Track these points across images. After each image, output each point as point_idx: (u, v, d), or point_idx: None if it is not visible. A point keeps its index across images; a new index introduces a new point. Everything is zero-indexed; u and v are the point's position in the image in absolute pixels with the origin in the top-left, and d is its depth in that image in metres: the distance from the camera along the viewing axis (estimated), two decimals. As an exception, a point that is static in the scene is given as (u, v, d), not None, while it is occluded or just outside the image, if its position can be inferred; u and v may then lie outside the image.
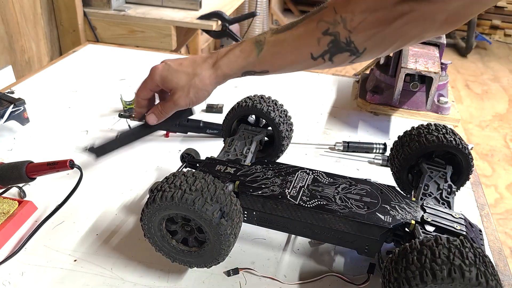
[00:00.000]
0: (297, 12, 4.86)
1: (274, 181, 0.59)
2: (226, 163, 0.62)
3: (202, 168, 0.61)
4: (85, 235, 0.64)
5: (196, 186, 0.50)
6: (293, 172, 0.61)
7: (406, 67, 0.92)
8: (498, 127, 2.85)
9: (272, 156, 0.73)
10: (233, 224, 0.52)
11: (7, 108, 0.86)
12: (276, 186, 0.58)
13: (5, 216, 0.64)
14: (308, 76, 1.21)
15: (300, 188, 0.58)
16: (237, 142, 0.69)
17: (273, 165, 0.62)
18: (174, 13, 1.75)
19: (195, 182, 0.51)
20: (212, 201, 0.50)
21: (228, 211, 0.51)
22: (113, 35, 1.76)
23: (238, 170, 0.61)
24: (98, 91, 1.07)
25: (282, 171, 0.61)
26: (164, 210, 0.51)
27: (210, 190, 0.51)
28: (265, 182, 0.58)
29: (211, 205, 0.49)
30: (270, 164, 0.62)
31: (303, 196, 0.57)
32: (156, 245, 0.56)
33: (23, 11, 1.55)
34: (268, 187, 0.58)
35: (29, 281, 0.57)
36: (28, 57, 1.61)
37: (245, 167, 0.61)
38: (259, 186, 0.58)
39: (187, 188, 0.50)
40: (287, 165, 0.63)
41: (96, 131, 0.91)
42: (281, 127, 0.70)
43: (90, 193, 0.73)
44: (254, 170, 0.61)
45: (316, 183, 0.59)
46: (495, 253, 0.65)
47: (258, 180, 0.59)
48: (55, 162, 0.59)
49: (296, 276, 0.59)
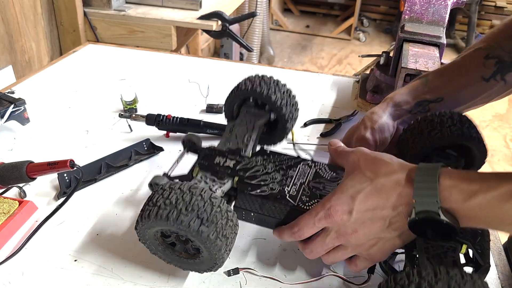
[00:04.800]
0: (297, 12, 4.86)
1: (274, 177, 0.57)
2: (226, 154, 0.60)
3: (201, 161, 0.60)
4: (85, 235, 0.65)
5: (192, 205, 0.48)
6: (294, 165, 0.59)
7: (406, 67, 0.92)
8: (498, 127, 2.85)
9: (276, 138, 0.71)
10: (228, 241, 0.51)
11: (7, 108, 0.86)
12: (275, 183, 0.56)
13: (6, 216, 0.64)
14: (308, 76, 1.21)
15: (301, 185, 0.56)
16: (238, 128, 0.65)
17: (274, 157, 0.60)
18: (174, 13, 1.75)
19: (191, 200, 0.48)
20: (208, 221, 0.48)
21: (223, 231, 0.49)
22: (113, 35, 1.76)
23: (238, 163, 0.59)
24: (98, 91, 1.07)
25: (283, 164, 0.59)
26: (159, 226, 0.50)
27: (207, 210, 0.48)
28: (265, 178, 0.57)
29: (206, 227, 0.47)
30: (271, 156, 0.60)
31: (302, 196, 0.55)
32: (150, 248, 0.55)
33: (24, 11, 1.55)
34: (267, 185, 0.56)
35: (29, 281, 0.57)
36: (28, 57, 1.61)
37: (245, 159, 0.59)
38: (258, 184, 0.56)
39: (183, 207, 0.48)
40: (289, 157, 0.60)
41: (96, 131, 0.91)
42: (284, 110, 0.66)
43: (90, 193, 0.73)
44: (254, 163, 0.59)
45: (318, 179, 0.57)
46: (495, 253, 0.65)
47: (257, 175, 0.57)
48: (56, 162, 0.59)
49: (296, 276, 0.59)
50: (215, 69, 1.23)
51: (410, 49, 1.01)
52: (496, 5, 4.33)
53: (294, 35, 4.47)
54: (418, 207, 0.44)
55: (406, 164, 0.49)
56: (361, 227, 0.49)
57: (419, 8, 1.01)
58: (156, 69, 1.19)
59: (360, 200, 0.48)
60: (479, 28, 4.37)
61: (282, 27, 4.55)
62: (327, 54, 4.08)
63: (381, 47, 4.20)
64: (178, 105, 1.02)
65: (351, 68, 3.80)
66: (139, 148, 0.83)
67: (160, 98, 1.05)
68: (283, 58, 3.93)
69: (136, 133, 0.90)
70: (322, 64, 3.88)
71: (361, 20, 4.70)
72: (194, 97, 1.05)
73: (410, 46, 0.98)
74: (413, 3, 1.01)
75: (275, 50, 3.80)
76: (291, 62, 3.87)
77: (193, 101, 1.04)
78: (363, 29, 4.60)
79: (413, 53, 1.00)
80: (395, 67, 1.04)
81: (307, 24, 4.66)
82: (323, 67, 3.82)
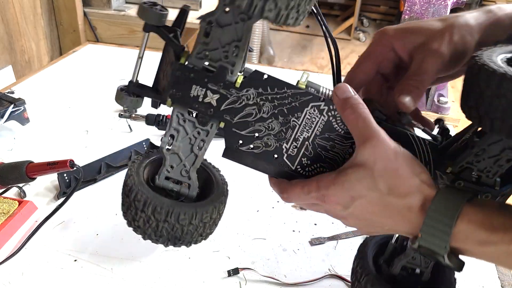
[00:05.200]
0: (297, 12, 4.86)
1: (271, 126, 0.43)
2: (206, 81, 0.41)
3: (172, 90, 0.43)
4: (85, 235, 0.64)
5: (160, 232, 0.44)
6: (300, 107, 0.43)
7: (406, 67, 0.92)
8: (498, 127, 2.85)
9: None
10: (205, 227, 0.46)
11: (7, 108, 0.86)
12: (271, 136, 0.44)
13: (5, 216, 0.64)
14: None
15: (303, 141, 0.44)
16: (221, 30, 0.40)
17: (273, 89, 0.43)
18: (174, 13, 1.75)
19: (158, 227, 0.44)
20: (181, 240, 0.45)
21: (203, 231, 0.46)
22: (113, 35, 1.76)
23: (223, 98, 0.42)
24: (98, 91, 1.07)
25: (284, 104, 0.43)
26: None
27: (177, 233, 0.44)
28: (259, 128, 0.43)
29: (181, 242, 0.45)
30: (269, 87, 0.42)
31: (303, 158, 0.44)
32: None
33: (23, 11, 1.55)
34: (262, 138, 0.43)
35: (29, 281, 0.57)
36: (28, 57, 1.61)
37: (233, 92, 0.42)
38: (251, 135, 0.43)
39: (152, 233, 0.44)
40: (293, 91, 0.43)
41: (96, 131, 0.91)
42: None
43: (90, 193, 0.73)
44: (245, 100, 0.42)
45: (328, 133, 0.44)
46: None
47: (250, 122, 0.43)
48: (55, 162, 0.59)
49: (296, 276, 0.59)
50: (215, 69, 1.22)
51: (410, 49, 1.01)
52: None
53: (294, 35, 4.47)
54: (423, 243, 0.39)
55: (426, 186, 0.40)
56: (353, 221, 0.44)
57: (419, 8, 1.01)
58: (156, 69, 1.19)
59: (360, 204, 0.42)
60: (479, 28, 4.37)
61: (282, 27, 4.55)
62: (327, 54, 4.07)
63: (381, 47, 4.19)
64: (178, 105, 1.02)
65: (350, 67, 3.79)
66: (139, 148, 0.83)
67: (160, 98, 1.05)
68: (283, 58, 3.93)
69: (136, 133, 0.90)
70: (322, 64, 3.88)
71: (361, 20, 4.70)
72: (194, 97, 1.05)
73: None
74: (413, 3, 1.01)
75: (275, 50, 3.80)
76: (291, 62, 3.86)
77: (193, 101, 1.03)
78: (363, 29, 4.60)
79: (413, 53, 1.00)
80: (395, 67, 1.04)
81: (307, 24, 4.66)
82: (323, 67, 3.82)
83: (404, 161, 0.41)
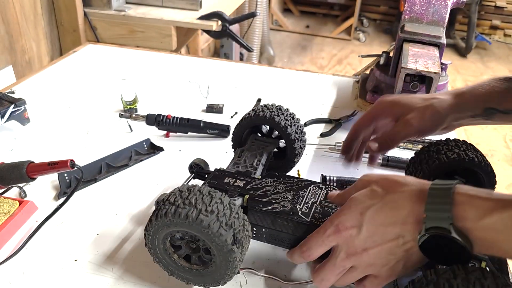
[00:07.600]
0: (297, 12, 4.86)
1: (285, 196, 0.57)
2: (236, 176, 0.59)
3: (211, 180, 0.59)
4: (85, 235, 0.65)
5: (212, 207, 0.47)
6: (305, 187, 0.58)
7: (406, 67, 0.92)
8: (498, 127, 2.85)
9: (281, 169, 0.71)
10: (243, 251, 0.50)
11: (7, 108, 0.86)
12: (287, 201, 0.56)
13: (6, 216, 0.64)
14: (308, 76, 1.21)
15: (312, 204, 0.56)
16: (247, 154, 0.66)
17: (284, 179, 0.60)
18: (174, 13, 1.75)
19: (211, 202, 0.48)
20: (227, 226, 0.47)
21: (240, 237, 0.48)
22: (113, 35, 1.76)
23: (248, 183, 0.58)
24: (98, 91, 1.07)
25: (293, 185, 0.59)
26: (174, 226, 0.48)
27: (226, 214, 0.48)
28: (276, 197, 0.56)
29: (225, 230, 0.47)
30: (281, 178, 0.60)
31: (315, 213, 0.54)
32: (156, 256, 0.53)
33: (24, 11, 1.55)
34: (279, 202, 0.55)
35: (30, 281, 0.57)
36: (29, 57, 1.61)
37: (255, 180, 0.59)
38: (269, 201, 0.55)
39: (202, 208, 0.47)
40: (299, 179, 0.60)
41: (96, 131, 0.91)
42: (295, 144, 0.67)
43: (90, 193, 0.73)
44: (265, 183, 0.58)
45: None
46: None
47: (268, 194, 0.57)
48: (56, 162, 0.60)
49: (296, 276, 0.59)
50: (215, 69, 1.23)
51: (410, 49, 1.01)
52: (496, 5, 4.33)
53: (294, 35, 4.47)
54: (429, 223, 0.41)
55: (421, 180, 0.46)
56: (371, 245, 0.46)
57: (419, 8, 1.01)
58: (156, 69, 1.19)
59: (369, 216, 0.46)
60: (479, 28, 4.37)
61: (282, 27, 4.55)
62: (327, 54, 4.08)
63: (381, 47, 4.19)
64: (178, 105, 1.02)
65: (351, 68, 3.79)
66: (139, 148, 0.83)
67: (160, 98, 1.05)
68: (283, 58, 3.93)
69: (136, 133, 0.90)
70: (322, 64, 3.88)
71: (361, 20, 4.70)
72: (194, 97, 1.05)
73: (410, 46, 0.98)
74: (413, 3, 1.01)
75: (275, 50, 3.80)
76: (291, 62, 3.87)
77: (193, 101, 1.04)
78: (363, 29, 4.60)
79: (413, 53, 1.00)
80: (395, 67, 1.04)
81: (307, 24, 4.66)
82: (323, 67, 3.82)
83: (396, 175, 0.49)
